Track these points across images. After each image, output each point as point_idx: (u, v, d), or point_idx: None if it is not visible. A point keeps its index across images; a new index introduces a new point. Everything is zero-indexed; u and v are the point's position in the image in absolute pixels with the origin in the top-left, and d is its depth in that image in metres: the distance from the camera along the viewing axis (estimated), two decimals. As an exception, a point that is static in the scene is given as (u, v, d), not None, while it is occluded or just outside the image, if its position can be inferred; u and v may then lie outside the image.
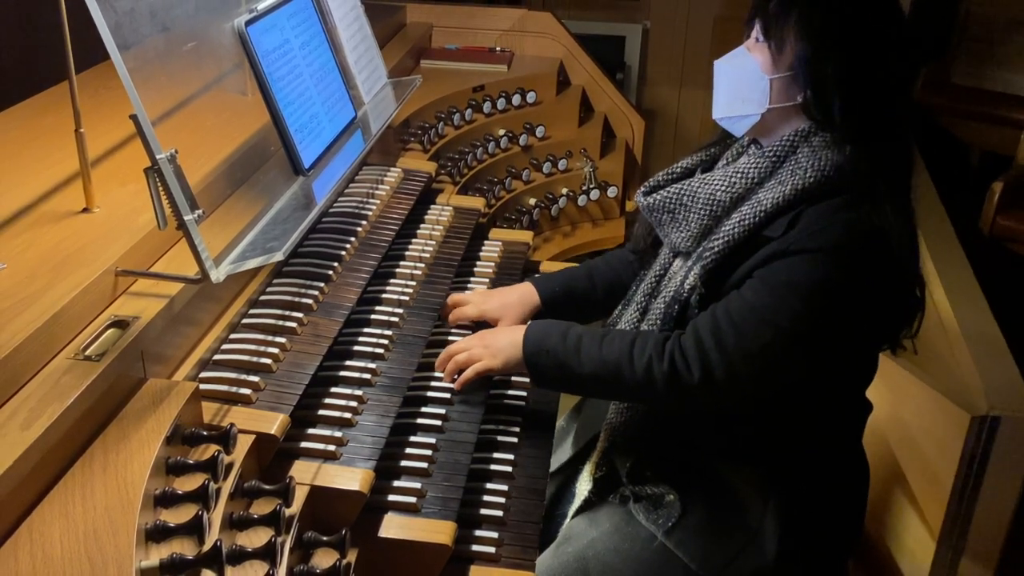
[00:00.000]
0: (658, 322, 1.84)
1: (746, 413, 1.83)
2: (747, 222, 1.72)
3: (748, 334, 1.68)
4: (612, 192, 3.41)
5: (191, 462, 1.36)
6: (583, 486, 1.99)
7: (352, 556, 1.50)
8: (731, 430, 1.85)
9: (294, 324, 1.80)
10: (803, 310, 1.66)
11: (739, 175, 1.78)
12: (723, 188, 1.79)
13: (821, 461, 1.88)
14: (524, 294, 2.12)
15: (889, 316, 1.80)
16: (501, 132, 3.20)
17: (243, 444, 1.47)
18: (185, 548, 1.24)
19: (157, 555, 1.20)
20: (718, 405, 1.80)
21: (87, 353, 1.39)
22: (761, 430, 1.84)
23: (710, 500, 1.86)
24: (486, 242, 2.54)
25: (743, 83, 1.79)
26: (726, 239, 1.73)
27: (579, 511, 1.97)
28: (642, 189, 1.97)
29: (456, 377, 1.91)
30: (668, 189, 1.87)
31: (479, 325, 2.08)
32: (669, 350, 1.73)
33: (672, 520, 1.85)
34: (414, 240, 2.34)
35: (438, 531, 1.57)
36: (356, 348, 1.89)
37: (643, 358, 1.75)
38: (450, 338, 2.07)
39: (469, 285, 2.30)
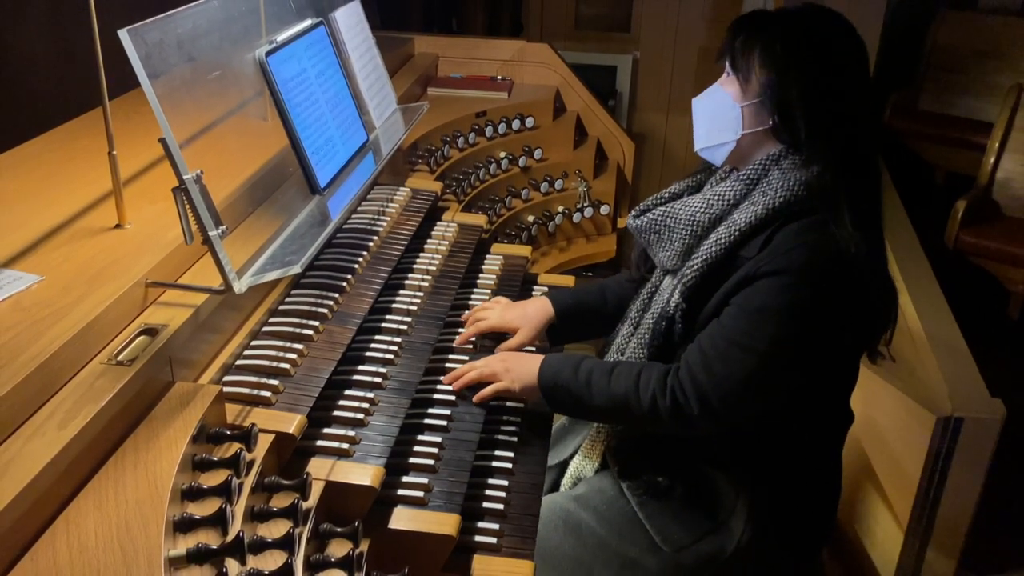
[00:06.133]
0: (647, 336, 1.85)
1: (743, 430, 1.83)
2: (723, 241, 1.72)
3: (733, 362, 1.68)
4: (605, 210, 3.41)
5: (215, 459, 1.36)
6: (581, 468, 2.01)
7: (364, 546, 1.50)
8: (715, 435, 1.85)
9: (311, 331, 1.80)
10: (779, 333, 1.66)
11: (716, 198, 1.79)
12: (702, 210, 1.80)
13: (797, 468, 1.89)
14: (540, 307, 2.12)
15: (861, 328, 1.79)
16: (502, 154, 3.20)
17: (263, 443, 1.47)
18: (210, 539, 1.24)
19: (184, 545, 1.20)
20: (719, 429, 1.79)
21: (119, 358, 1.39)
22: (743, 436, 1.84)
23: (686, 486, 1.88)
24: (488, 256, 2.54)
25: (717, 114, 1.81)
26: (704, 258, 1.74)
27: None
28: (633, 212, 1.97)
29: (470, 391, 1.91)
30: (654, 212, 1.88)
31: (497, 339, 2.09)
32: (671, 385, 1.73)
33: (648, 494, 1.87)
34: (421, 254, 2.35)
35: (443, 523, 1.57)
36: (368, 354, 1.89)
37: (648, 393, 1.75)
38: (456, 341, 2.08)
39: (472, 296, 2.30)
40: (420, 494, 1.63)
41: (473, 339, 2.08)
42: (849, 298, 1.69)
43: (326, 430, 1.65)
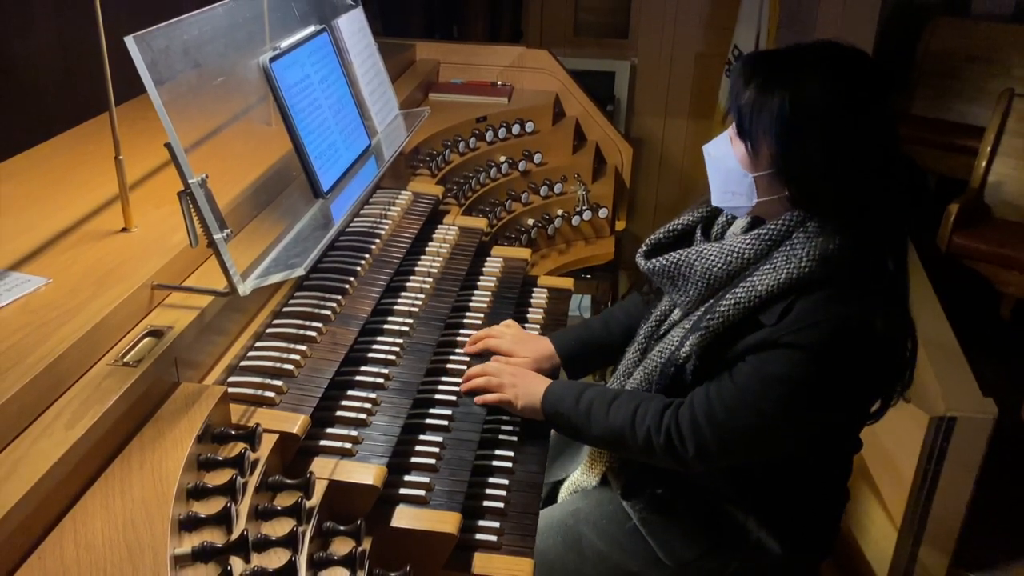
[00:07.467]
0: (655, 375, 1.79)
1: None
2: (742, 305, 1.61)
3: (738, 417, 1.62)
4: (603, 213, 3.41)
5: (220, 459, 1.36)
6: (579, 483, 1.99)
7: (367, 544, 1.50)
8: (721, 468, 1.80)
9: (314, 333, 1.80)
10: (791, 402, 1.60)
11: (735, 255, 1.67)
12: (719, 265, 1.69)
13: (802, 491, 1.84)
14: (547, 354, 2.07)
15: (879, 395, 1.74)
16: (502, 159, 3.20)
17: (268, 442, 1.47)
18: (215, 537, 1.24)
19: (189, 543, 1.20)
20: (711, 469, 1.76)
21: (125, 360, 1.39)
22: (747, 467, 1.79)
23: (689, 501, 1.85)
24: (488, 259, 2.54)
25: (730, 179, 1.69)
26: (721, 320, 1.64)
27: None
28: (643, 249, 1.89)
29: (477, 392, 1.91)
30: (667, 257, 1.77)
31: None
32: (666, 424, 1.69)
33: (649, 508, 1.85)
34: (423, 257, 2.35)
35: (445, 521, 1.57)
36: (370, 355, 1.89)
37: (643, 428, 1.72)
38: (460, 342, 2.09)
39: (473, 297, 2.31)
40: (422, 493, 1.63)
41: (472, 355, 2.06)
42: (866, 376, 1.64)
43: (329, 430, 1.65)
